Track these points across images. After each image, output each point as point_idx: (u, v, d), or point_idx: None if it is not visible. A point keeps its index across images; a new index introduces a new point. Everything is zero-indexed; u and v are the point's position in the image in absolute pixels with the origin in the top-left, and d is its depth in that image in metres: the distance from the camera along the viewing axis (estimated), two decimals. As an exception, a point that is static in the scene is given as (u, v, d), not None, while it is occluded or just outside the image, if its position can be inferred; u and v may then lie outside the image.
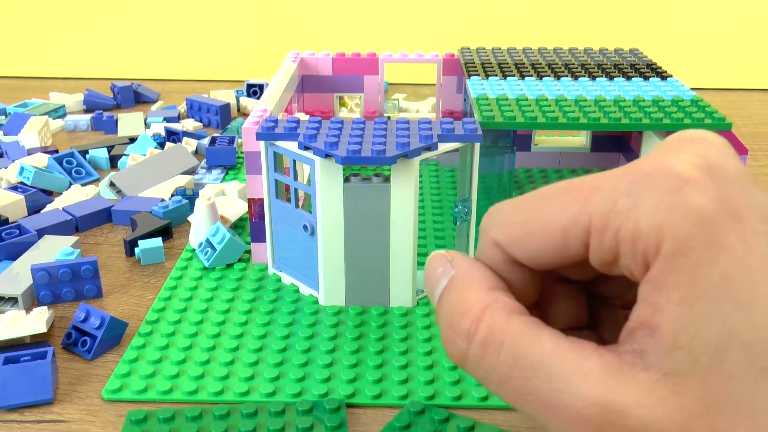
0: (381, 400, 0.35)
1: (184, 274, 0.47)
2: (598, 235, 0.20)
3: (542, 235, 0.21)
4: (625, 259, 0.20)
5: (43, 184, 0.59)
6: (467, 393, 0.36)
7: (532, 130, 0.63)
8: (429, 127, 0.42)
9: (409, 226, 0.41)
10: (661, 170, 0.19)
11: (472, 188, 0.44)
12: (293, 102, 0.60)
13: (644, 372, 0.19)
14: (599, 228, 0.20)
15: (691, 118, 0.45)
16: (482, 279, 0.22)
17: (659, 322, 0.19)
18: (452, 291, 0.23)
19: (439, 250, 0.24)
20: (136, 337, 0.40)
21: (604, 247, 0.20)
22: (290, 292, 0.44)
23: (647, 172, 0.20)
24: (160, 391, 0.36)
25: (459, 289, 0.22)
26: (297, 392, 0.35)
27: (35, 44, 0.99)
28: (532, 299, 0.23)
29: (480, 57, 0.61)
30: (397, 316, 0.42)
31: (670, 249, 0.18)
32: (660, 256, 0.19)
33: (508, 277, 0.23)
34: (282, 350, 0.39)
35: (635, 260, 0.19)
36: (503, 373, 0.21)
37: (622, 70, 0.57)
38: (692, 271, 0.18)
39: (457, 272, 0.23)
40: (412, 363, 0.38)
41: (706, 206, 0.18)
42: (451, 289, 0.23)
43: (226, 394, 0.36)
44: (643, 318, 0.19)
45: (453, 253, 0.24)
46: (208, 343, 0.39)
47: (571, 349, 0.20)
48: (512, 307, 0.21)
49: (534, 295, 0.23)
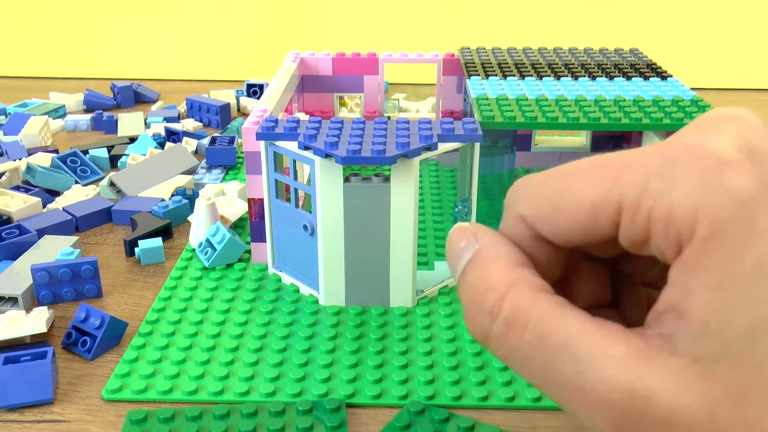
0: (381, 400, 0.35)
1: (184, 274, 0.47)
2: (629, 215, 0.19)
3: (571, 212, 0.21)
4: (657, 240, 0.19)
5: (49, 183, 0.59)
6: (467, 393, 0.36)
7: (531, 130, 0.63)
8: (429, 127, 0.42)
9: (409, 226, 0.41)
10: (699, 150, 0.19)
11: (473, 188, 0.44)
12: (293, 102, 0.60)
13: (672, 357, 0.18)
14: (631, 208, 0.19)
15: (691, 118, 0.45)
16: (508, 255, 0.22)
17: (690, 306, 0.18)
18: (476, 266, 0.22)
19: (462, 223, 0.23)
20: (136, 337, 0.40)
21: (635, 227, 0.19)
22: (290, 292, 0.44)
23: (683, 150, 0.19)
24: (160, 391, 0.36)
25: (483, 264, 0.22)
26: (297, 392, 0.35)
27: (35, 44, 0.99)
28: (556, 277, 0.23)
29: (480, 57, 0.61)
30: (397, 316, 0.42)
31: (704, 232, 0.18)
32: (694, 239, 0.18)
33: (534, 253, 0.22)
34: (282, 350, 0.39)
35: (668, 242, 0.19)
36: (527, 353, 0.20)
37: (622, 70, 0.57)
38: (726, 256, 0.18)
39: (481, 247, 0.22)
40: (412, 363, 0.38)
41: (745, 189, 0.18)
42: (474, 263, 0.22)
43: (226, 394, 0.36)
44: (673, 301, 0.19)
45: (477, 226, 0.23)
46: (208, 343, 0.39)
47: (597, 331, 0.19)
48: (538, 285, 0.21)
49: (558, 272, 0.23)
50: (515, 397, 0.35)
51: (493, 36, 0.89)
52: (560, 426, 0.34)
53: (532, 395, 0.35)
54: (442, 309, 0.43)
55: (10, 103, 0.83)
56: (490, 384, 0.36)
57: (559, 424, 0.34)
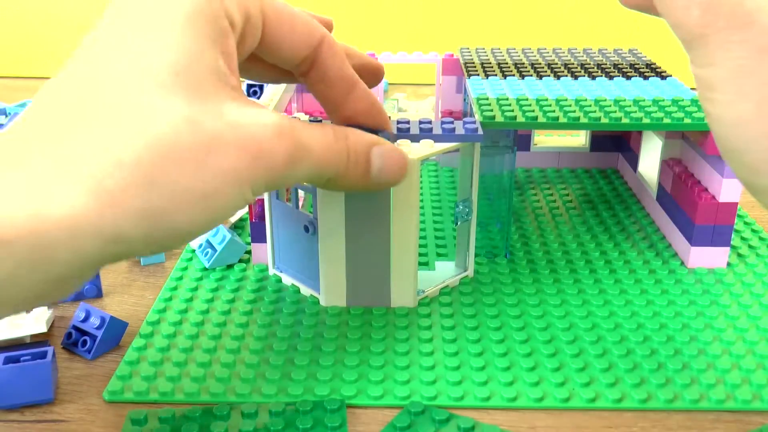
0: (382, 401, 0.35)
1: (184, 275, 0.47)
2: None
3: None
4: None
5: None
6: (469, 393, 0.36)
7: (531, 130, 0.63)
8: (429, 127, 0.42)
9: (410, 227, 0.41)
10: None
11: (473, 188, 0.44)
12: (293, 102, 0.60)
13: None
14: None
15: (691, 118, 0.45)
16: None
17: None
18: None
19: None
20: (137, 338, 0.40)
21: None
22: (291, 293, 0.44)
23: None
24: (161, 393, 0.36)
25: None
26: (299, 393, 0.35)
27: (35, 44, 0.99)
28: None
29: (479, 57, 0.61)
30: (399, 316, 0.42)
31: None
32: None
33: None
34: (284, 351, 0.39)
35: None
36: None
37: (622, 70, 0.57)
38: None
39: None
40: (414, 363, 0.38)
41: None
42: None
43: (229, 395, 0.36)
44: None
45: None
46: (209, 345, 0.39)
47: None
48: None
49: None
50: (516, 397, 0.35)
51: (492, 36, 0.89)
52: (560, 426, 0.34)
53: (534, 395, 0.35)
54: (444, 309, 0.43)
55: (10, 103, 0.83)
56: (493, 384, 0.36)
57: (559, 424, 0.34)
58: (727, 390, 0.36)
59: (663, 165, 0.52)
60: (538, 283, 0.46)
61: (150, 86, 0.27)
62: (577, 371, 0.37)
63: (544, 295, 0.44)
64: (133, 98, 0.27)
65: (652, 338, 0.40)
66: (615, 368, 0.37)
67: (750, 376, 0.37)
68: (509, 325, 0.41)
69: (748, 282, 0.46)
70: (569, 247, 0.50)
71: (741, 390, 0.36)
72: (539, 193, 0.60)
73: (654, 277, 0.46)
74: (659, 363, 0.38)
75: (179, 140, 0.26)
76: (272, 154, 0.29)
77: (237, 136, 0.28)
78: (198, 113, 0.27)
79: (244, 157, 0.28)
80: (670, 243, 0.51)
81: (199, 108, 0.27)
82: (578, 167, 0.65)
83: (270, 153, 0.29)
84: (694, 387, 0.36)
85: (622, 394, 0.35)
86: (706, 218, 0.46)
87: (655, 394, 0.36)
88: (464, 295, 0.44)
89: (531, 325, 0.41)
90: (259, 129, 0.29)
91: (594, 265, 0.48)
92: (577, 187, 0.61)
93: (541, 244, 0.51)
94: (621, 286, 0.45)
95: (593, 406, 0.35)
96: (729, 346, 0.39)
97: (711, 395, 0.35)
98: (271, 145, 0.29)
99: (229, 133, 0.28)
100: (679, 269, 0.47)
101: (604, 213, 0.56)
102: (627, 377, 0.37)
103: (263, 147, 0.29)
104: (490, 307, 0.43)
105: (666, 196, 0.52)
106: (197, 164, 0.27)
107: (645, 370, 0.37)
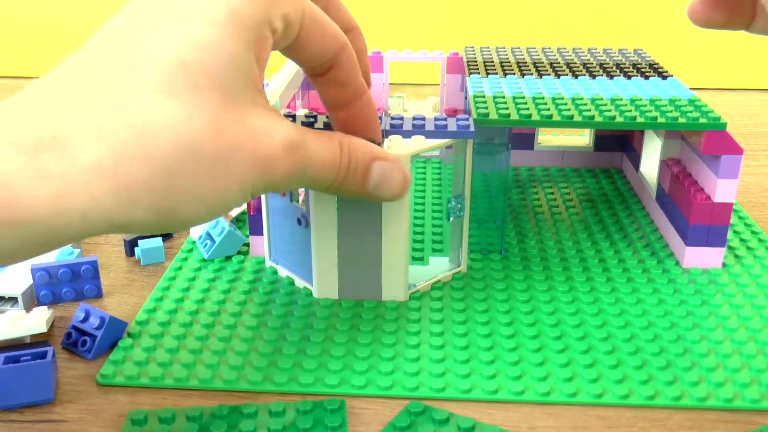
0: (365, 390, 0.36)
1: (183, 266, 0.48)
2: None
3: None
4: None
5: None
6: (450, 385, 0.36)
7: (531, 128, 0.63)
8: (422, 123, 0.43)
9: (401, 221, 0.41)
10: None
11: (466, 185, 0.44)
12: (297, 99, 0.61)
13: None
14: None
15: (686, 117, 0.45)
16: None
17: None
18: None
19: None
20: (133, 324, 0.41)
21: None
22: (285, 285, 0.45)
23: None
24: (152, 377, 0.37)
25: None
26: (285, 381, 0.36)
27: (35, 44, 1.00)
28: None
29: (483, 55, 0.61)
30: (389, 309, 0.42)
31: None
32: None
33: None
34: (274, 341, 0.40)
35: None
36: None
37: (623, 70, 0.57)
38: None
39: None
40: (399, 355, 0.38)
41: None
42: None
43: (216, 381, 0.36)
44: None
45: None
46: (201, 332, 0.40)
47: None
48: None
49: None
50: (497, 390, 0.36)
51: (497, 36, 0.89)
52: (560, 426, 0.34)
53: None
54: (433, 303, 0.43)
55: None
56: (474, 377, 0.37)
57: (559, 424, 0.34)
58: (735, 389, 0.36)
59: (662, 165, 0.52)
60: (530, 279, 0.46)
61: (183, 86, 0.28)
62: (560, 366, 0.37)
63: (535, 291, 0.45)
64: (163, 96, 0.27)
65: (638, 336, 0.40)
66: (598, 364, 0.38)
67: (759, 376, 0.37)
68: (497, 321, 0.41)
69: (742, 283, 0.46)
70: (564, 246, 0.51)
71: (750, 389, 0.36)
72: (540, 191, 0.60)
73: (647, 276, 0.46)
74: (643, 360, 0.38)
75: (204, 146, 0.28)
76: (278, 168, 0.31)
77: (252, 148, 0.30)
78: (224, 119, 0.29)
79: (253, 169, 0.30)
80: (668, 243, 0.51)
81: (225, 114, 0.29)
82: (582, 167, 0.65)
83: (276, 167, 0.31)
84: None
85: (602, 390, 0.36)
86: (700, 218, 0.46)
87: (636, 390, 0.36)
88: (455, 290, 0.45)
89: (519, 321, 0.41)
90: (270, 145, 0.30)
91: (588, 263, 0.48)
92: (578, 187, 0.61)
93: (537, 241, 0.51)
94: (612, 284, 0.45)
95: (573, 401, 0.35)
96: (716, 345, 0.39)
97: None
98: (279, 159, 0.31)
99: (247, 144, 0.29)
100: (673, 269, 0.47)
101: (604, 212, 0.56)
102: (608, 373, 0.37)
103: (271, 162, 0.31)
104: (479, 302, 0.43)
105: (664, 196, 0.52)
106: (214, 171, 0.28)
107: (628, 366, 0.37)
